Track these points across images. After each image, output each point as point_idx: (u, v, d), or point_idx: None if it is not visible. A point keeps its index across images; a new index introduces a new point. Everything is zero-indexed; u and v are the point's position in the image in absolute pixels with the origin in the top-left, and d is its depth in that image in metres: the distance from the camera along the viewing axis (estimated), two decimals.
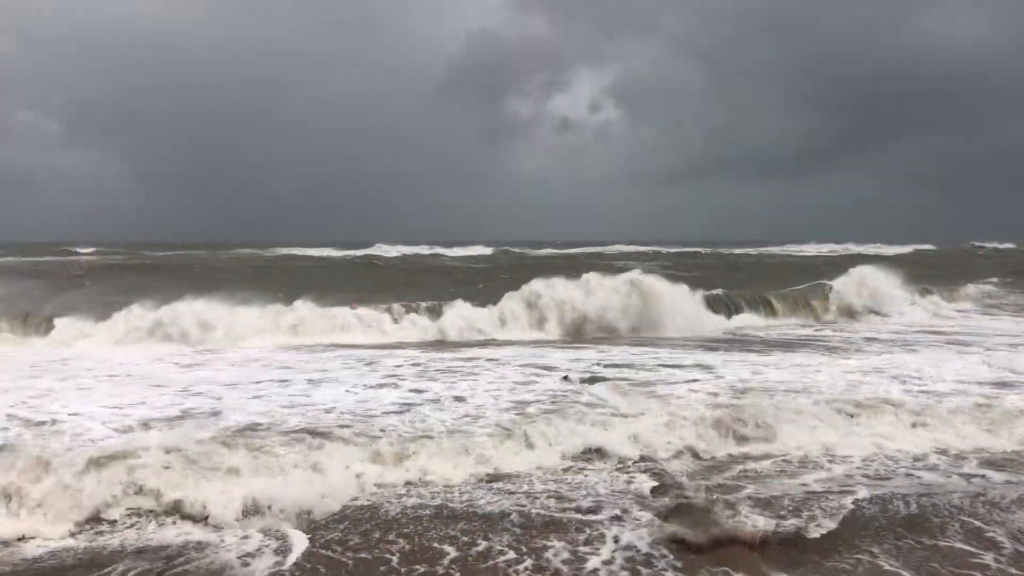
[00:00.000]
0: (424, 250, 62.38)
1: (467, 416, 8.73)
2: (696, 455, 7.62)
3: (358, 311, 17.49)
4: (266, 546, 5.50)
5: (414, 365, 12.51)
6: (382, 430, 7.99)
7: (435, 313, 17.88)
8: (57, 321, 16.20)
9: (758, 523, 5.69)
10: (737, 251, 65.75)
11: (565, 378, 11.27)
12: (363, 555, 5.37)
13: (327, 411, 9.00)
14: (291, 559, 5.31)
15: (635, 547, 5.43)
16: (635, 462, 7.35)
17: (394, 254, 58.06)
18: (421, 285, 26.98)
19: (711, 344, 15.51)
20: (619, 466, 7.26)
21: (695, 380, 11.04)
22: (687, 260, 49.01)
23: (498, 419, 8.50)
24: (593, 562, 5.21)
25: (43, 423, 8.39)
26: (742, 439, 7.90)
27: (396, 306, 17.98)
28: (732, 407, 8.74)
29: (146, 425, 8.32)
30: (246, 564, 5.21)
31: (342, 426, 8.15)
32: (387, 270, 38.94)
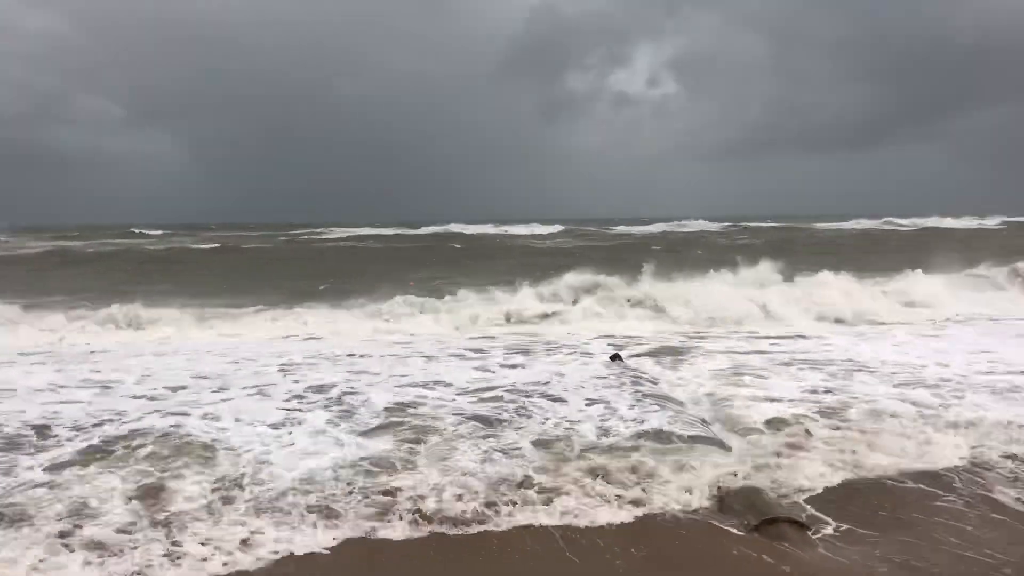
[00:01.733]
0: (491, 229, 63.34)
1: None
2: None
3: None
4: None
5: None
6: None
7: None
8: None
9: None
10: (827, 226, 65.01)
11: (615, 357, 11.74)
12: None
13: None
14: None
15: None
16: None
17: (471, 231, 59.58)
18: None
19: None
20: None
21: None
22: (803, 236, 48.36)
23: None
24: None
25: None
26: None
27: None
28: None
29: None
30: None
31: None
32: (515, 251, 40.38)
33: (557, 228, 63.68)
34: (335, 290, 20.90)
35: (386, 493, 6.26)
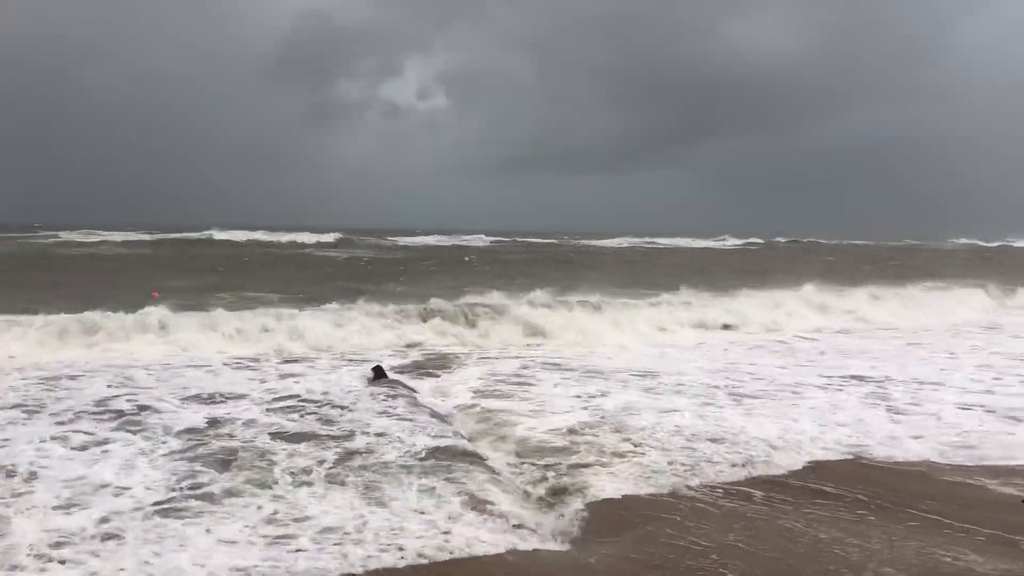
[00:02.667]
0: (265, 236, 59.79)
1: None
2: None
3: None
4: None
5: None
6: None
7: None
8: None
9: None
10: (596, 242, 68.71)
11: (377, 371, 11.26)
12: None
13: None
14: None
15: None
16: None
17: (242, 238, 55.77)
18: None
19: None
20: None
21: None
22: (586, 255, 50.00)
23: None
24: None
25: None
26: None
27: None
28: None
29: None
30: None
31: None
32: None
33: (331, 236, 61.00)
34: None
35: None
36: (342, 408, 9.04)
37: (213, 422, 8.32)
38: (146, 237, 53.81)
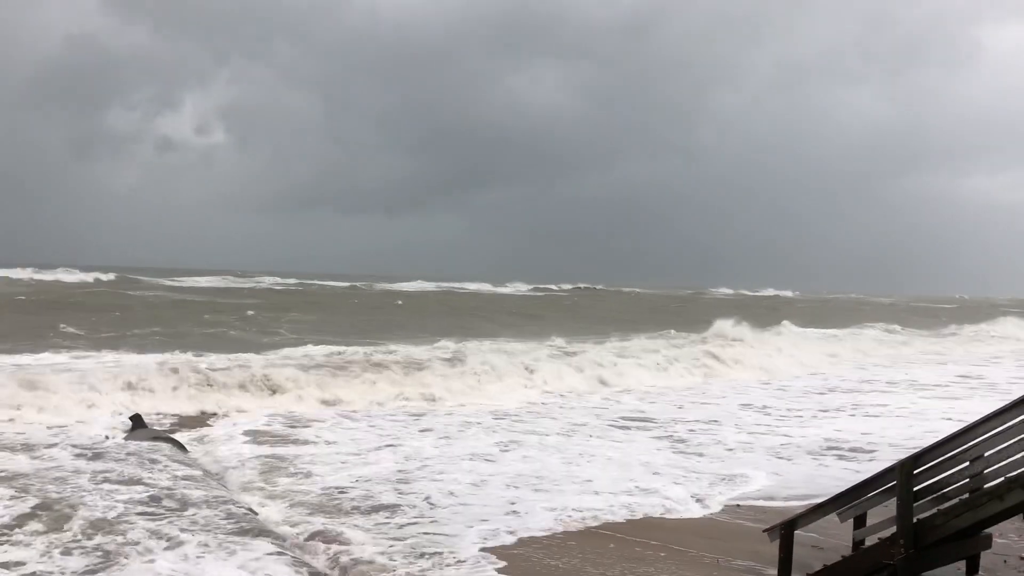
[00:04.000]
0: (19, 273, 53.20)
1: None
2: None
3: None
4: None
5: None
6: None
7: None
8: None
9: None
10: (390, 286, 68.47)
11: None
12: None
13: None
14: None
15: None
16: None
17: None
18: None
19: None
20: None
21: None
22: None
23: None
24: None
25: None
26: None
27: None
28: None
29: None
30: None
31: None
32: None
33: (100, 276, 54.78)
34: None
35: None
36: None
37: None
38: None
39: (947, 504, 5.58)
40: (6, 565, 6.09)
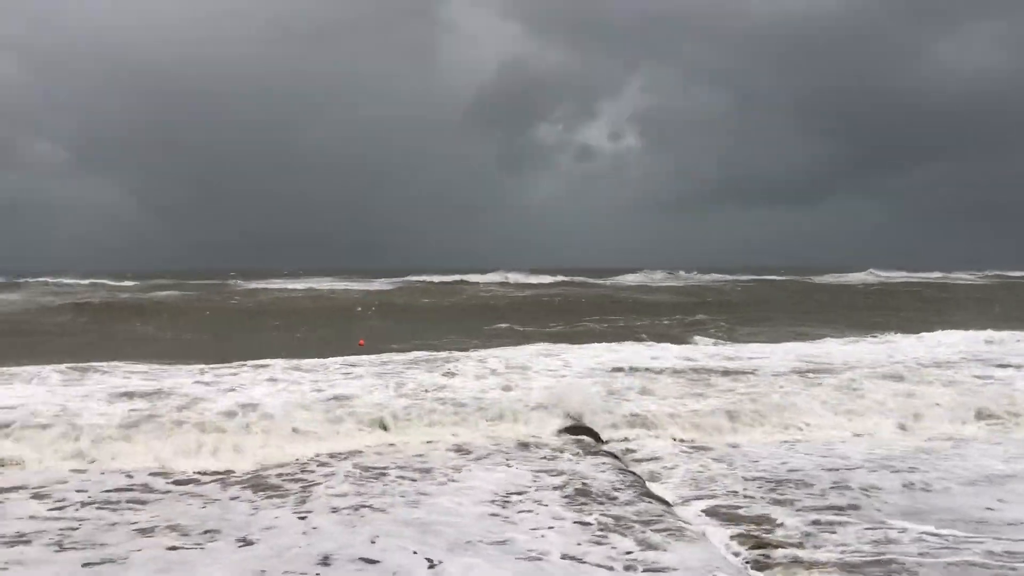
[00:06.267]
0: (497, 277, 59.20)
1: None
2: None
3: None
4: None
5: None
6: None
7: None
8: None
9: None
10: (817, 279, 60.82)
11: None
12: None
13: None
14: None
15: None
16: None
17: (481, 280, 54.22)
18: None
19: None
20: None
21: None
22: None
23: None
24: None
25: None
26: None
27: None
28: None
29: None
30: None
31: None
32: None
33: (548, 279, 58.06)
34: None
35: None
36: None
37: None
38: (387, 285, 52.16)
39: None
40: None
